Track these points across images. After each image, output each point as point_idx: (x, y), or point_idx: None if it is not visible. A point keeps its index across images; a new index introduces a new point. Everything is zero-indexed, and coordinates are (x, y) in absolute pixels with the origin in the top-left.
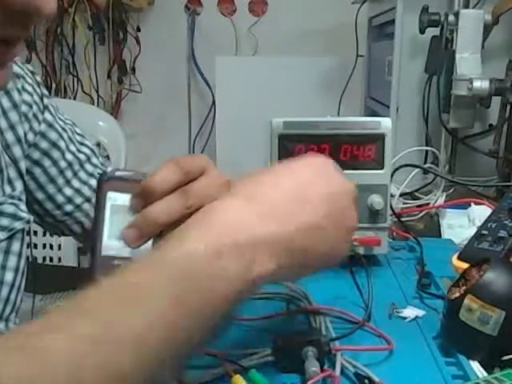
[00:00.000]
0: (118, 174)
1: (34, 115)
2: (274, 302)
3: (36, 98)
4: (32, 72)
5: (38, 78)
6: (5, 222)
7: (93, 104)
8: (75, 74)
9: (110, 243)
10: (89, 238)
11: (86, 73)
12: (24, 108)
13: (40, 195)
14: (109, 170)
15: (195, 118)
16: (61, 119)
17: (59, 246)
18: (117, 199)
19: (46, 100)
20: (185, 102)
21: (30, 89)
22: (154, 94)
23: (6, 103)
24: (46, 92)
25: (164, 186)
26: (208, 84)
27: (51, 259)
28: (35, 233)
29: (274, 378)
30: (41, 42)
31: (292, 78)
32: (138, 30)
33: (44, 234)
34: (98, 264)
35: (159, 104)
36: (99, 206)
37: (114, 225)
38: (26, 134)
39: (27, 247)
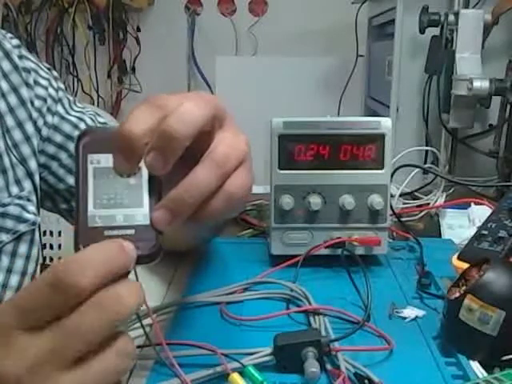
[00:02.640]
0: (96, 130)
1: (49, 109)
2: (274, 302)
3: (51, 91)
4: (48, 68)
5: (55, 73)
6: (9, 224)
7: (93, 104)
8: (75, 74)
9: (97, 213)
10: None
11: (86, 73)
12: (38, 103)
13: (62, 186)
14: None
15: None
16: (78, 110)
17: (59, 246)
18: (100, 161)
19: (60, 93)
20: None
21: (44, 82)
22: (154, 93)
23: (14, 100)
24: (61, 86)
25: (140, 126)
26: (208, 84)
27: (51, 259)
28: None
29: (274, 378)
30: (41, 41)
31: (292, 78)
32: (138, 29)
33: (44, 234)
34: (85, 238)
35: None
36: (80, 172)
37: (100, 191)
38: (40, 130)
39: (42, 248)
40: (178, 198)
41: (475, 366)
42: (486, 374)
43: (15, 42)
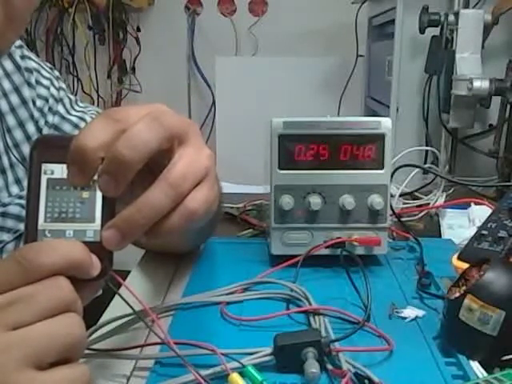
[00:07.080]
0: (51, 138)
1: (50, 108)
2: (273, 302)
3: (53, 90)
4: (50, 68)
5: (57, 73)
6: (10, 223)
7: (93, 104)
8: (75, 74)
9: (47, 227)
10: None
11: (86, 73)
12: (39, 103)
13: None
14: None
15: (195, 118)
16: (79, 110)
17: None
18: (54, 171)
19: (61, 93)
20: (185, 102)
21: (46, 82)
22: (154, 93)
23: (15, 100)
24: (63, 85)
25: (96, 139)
26: (208, 84)
27: None
28: None
29: (274, 378)
30: (41, 41)
31: (292, 78)
32: (138, 29)
33: None
34: None
35: None
36: (33, 182)
37: (52, 204)
38: (41, 129)
39: None
40: (130, 218)
41: (475, 366)
42: (485, 373)
43: (17, 42)
